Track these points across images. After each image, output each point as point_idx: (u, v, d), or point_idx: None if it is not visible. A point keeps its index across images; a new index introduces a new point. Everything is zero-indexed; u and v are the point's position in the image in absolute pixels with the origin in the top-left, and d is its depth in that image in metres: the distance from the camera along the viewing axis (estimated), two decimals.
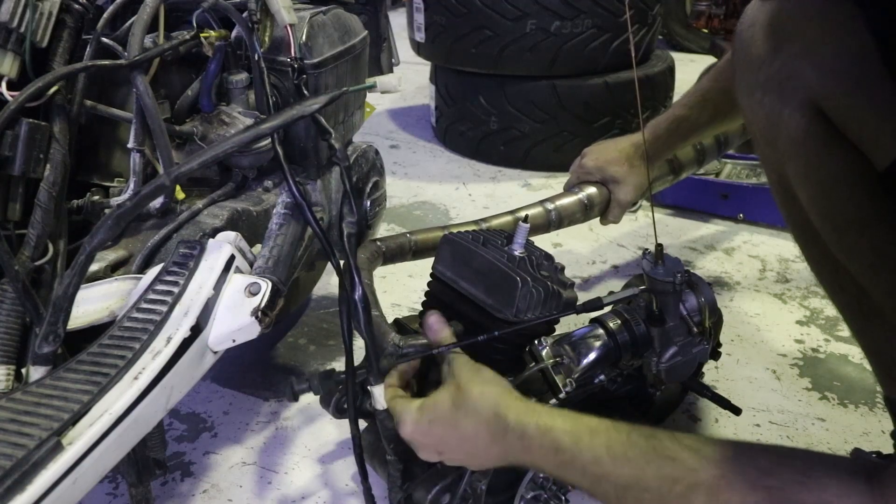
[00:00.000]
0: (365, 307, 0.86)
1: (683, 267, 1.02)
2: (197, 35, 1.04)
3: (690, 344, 1.04)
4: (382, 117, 2.87)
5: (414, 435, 0.80)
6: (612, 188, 1.30)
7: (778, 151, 0.89)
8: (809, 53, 0.82)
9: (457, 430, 0.77)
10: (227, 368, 1.39)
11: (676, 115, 1.27)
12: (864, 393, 1.30)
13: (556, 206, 1.26)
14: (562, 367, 0.96)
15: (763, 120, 0.89)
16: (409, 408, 0.81)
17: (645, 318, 1.03)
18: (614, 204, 1.32)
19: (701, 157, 1.47)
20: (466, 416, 0.76)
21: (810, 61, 0.81)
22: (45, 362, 0.77)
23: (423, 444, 0.81)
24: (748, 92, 0.91)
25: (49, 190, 0.91)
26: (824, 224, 0.87)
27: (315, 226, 0.89)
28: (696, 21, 3.75)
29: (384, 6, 1.47)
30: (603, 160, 1.30)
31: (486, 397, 0.75)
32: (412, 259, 1.12)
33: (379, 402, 0.85)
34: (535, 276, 0.86)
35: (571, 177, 1.35)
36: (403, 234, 1.11)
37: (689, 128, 1.27)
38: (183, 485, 1.14)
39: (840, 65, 0.79)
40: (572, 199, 1.28)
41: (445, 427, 0.78)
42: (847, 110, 0.80)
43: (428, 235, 1.13)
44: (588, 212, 1.29)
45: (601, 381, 1.01)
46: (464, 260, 0.92)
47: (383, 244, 1.09)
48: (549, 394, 0.94)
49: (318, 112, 0.92)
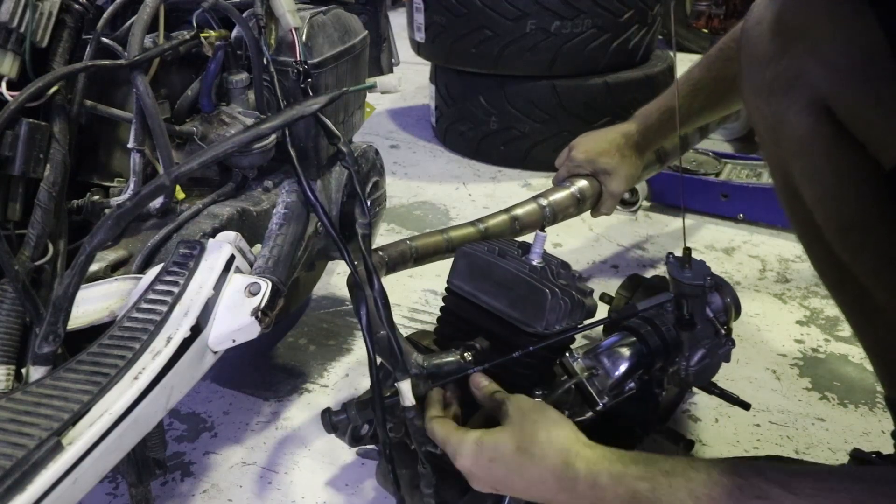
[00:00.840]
0: (385, 303, 0.83)
1: (710, 269, 1.01)
2: (197, 35, 1.04)
3: (717, 345, 1.03)
4: (382, 117, 2.87)
5: (472, 469, 0.76)
6: (604, 180, 1.30)
7: (783, 150, 0.88)
8: (817, 52, 0.80)
9: (522, 476, 0.73)
10: (227, 368, 1.39)
11: (668, 106, 1.26)
12: (864, 393, 1.30)
13: (550, 201, 1.25)
14: (596, 378, 0.93)
15: (769, 119, 0.88)
16: (465, 440, 0.77)
17: (674, 323, 1.01)
18: (606, 195, 1.31)
19: (684, 145, 1.49)
20: (532, 462, 0.72)
21: (818, 60, 0.80)
22: (45, 362, 0.77)
23: (480, 479, 0.77)
24: (754, 90, 0.90)
25: (49, 190, 0.90)
26: (828, 224, 0.86)
27: (329, 227, 0.88)
28: (696, 21, 3.75)
29: (384, 6, 1.47)
30: (593, 152, 1.29)
31: (554, 444, 0.72)
32: (413, 266, 1.11)
33: (407, 399, 0.82)
34: (560, 286, 0.85)
35: (561, 170, 1.34)
36: (403, 241, 1.10)
37: (680, 118, 1.27)
38: (183, 485, 1.14)
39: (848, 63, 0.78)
40: (565, 193, 1.27)
41: (509, 470, 0.74)
42: (854, 109, 0.79)
43: (428, 241, 1.12)
44: (581, 205, 1.29)
45: (631, 390, 0.99)
46: (483, 273, 0.90)
47: (385, 253, 1.07)
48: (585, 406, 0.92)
49: (320, 112, 0.91)
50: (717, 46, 1.19)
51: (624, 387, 0.97)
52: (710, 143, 2.41)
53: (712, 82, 1.18)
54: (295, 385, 1.36)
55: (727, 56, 1.16)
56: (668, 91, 1.29)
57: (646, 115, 1.30)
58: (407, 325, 1.52)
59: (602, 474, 0.69)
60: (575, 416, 0.91)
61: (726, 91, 1.18)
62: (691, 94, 1.22)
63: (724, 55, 1.16)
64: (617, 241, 1.88)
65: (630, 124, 1.32)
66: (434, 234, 1.13)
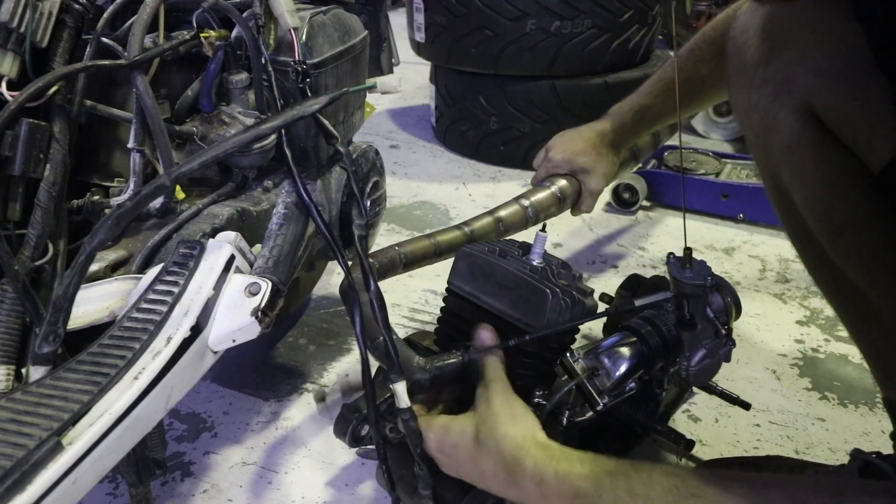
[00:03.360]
0: (381, 305, 0.83)
1: (710, 269, 1.01)
2: (197, 35, 1.04)
3: (718, 346, 1.04)
4: (382, 117, 2.87)
5: (437, 454, 0.81)
6: (582, 178, 1.32)
7: (773, 155, 0.89)
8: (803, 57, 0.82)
9: (476, 465, 0.77)
10: (227, 368, 1.39)
11: (641, 104, 1.29)
12: (864, 393, 1.30)
13: (532, 201, 1.27)
14: (596, 378, 0.93)
15: (758, 124, 0.89)
16: (432, 425, 0.81)
17: (675, 323, 1.01)
18: (586, 193, 1.33)
19: (656, 141, 1.53)
20: (487, 454, 0.75)
21: (804, 65, 0.82)
22: (45, 362, 0.77)
23: (444, 463, 0.81)
24: (742, 96, 0.91)
25: (49, 190, 0.90)
26: (820, 227, 0.87)
27: (324, 228, 0.88)
28: (697, 21, 3.75)
29: (384, 6, 1.47)
30: (570, 151, 1.31)
31: (508, 440, 0.75)
32: (403, 271, 1.11)
33: (402, 401, 0.82)
34: (560, 286, 0.85)
35: (539, 170, 1.36)
36: (392, 248, 1.09)
37: (653, 117, 1.29)
38: (183, 485, 1.14)
39: (834, 68, 0.80)
40: (546, 193, 1.29)
41: (466, 458, 0.78)
42: (841, 113, 0.80)
43: (416, 246, 1.12)
44: (561, 204, 1.31)
45: (632, 390, 0.99)
46: (484, 273, 0.90)
47: (376, 260, 1.06)
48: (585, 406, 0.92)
49: (320, 112, 0.91)
50: (687, 47, 1.20)
51: (624, 387, 0.97)
52: (710, 143, 2.42)
53: (684, 83, 1.19)
54: (295, 385, 1.36)
55: (698, 57, 1.17)
56: (641, 89, 1.31)
57: (620, 112, 1.33)
58: (407, 325, 1.52)
59: (548, 473, 0.71)
60: (575, 417, 0.91)
61: (696, 91, 1.21)
62: (664, 94, 1.25)
63: (694, 56, 1.18)
64: (617, 241, 1.88)
65: (604, 122, 1.34)
66: (422, 239, 1.13)
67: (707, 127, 2.50)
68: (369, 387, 0.83)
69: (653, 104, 1.27)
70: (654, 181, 1.99)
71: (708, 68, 1.16)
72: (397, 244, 1.11)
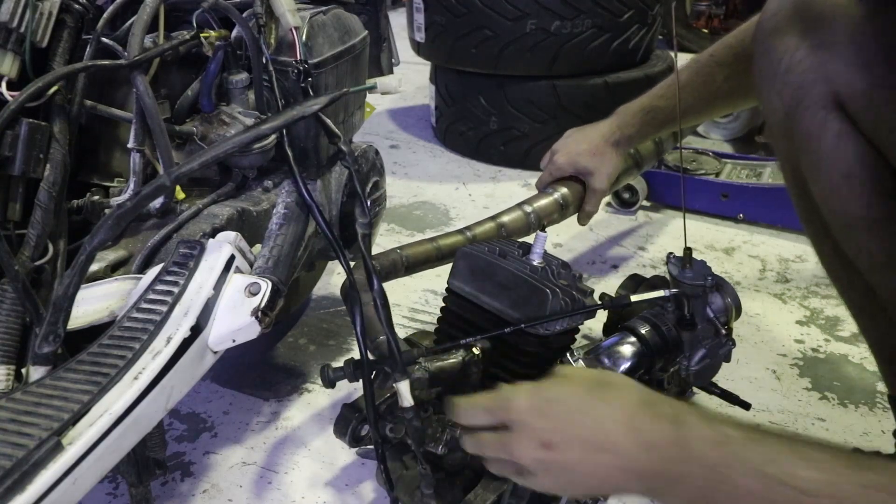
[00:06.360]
0: (384, 303, 0.83)
1: (710, 269, 1.01)
2: (197, 35, 1.04)
3: (718, 345, 1.04)
4: (382, 117, 2.87)
5: (525, 415, 0.67)
6: (587, 179, 1.33)
7: (793, 144, 0.87)
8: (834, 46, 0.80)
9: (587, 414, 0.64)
10: (227, 368, 1.39)
11: (651, 106, 1.29)
12: (864, 393, 1.30)
13: (535, 208, 1.28)
14: None
15: (780, 111, 0.88)
16: (521, 387, 0.70)
17: (675, 323, 1.01)
18: (590, 193, 1.34)
19: (659, 150, 1.52)
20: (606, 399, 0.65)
21: (834, 54, 0.80)
22: (45, 362, 0.77)
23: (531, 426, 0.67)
24: (767, 82, 0.90)
25: (49, 190, 0.90)
26: (835, 220, 0.86)
27: (325, 229, 0.88)
28: (697, 21, 3.75)
29: (384, 6, 1.47)
30: (574, 153, 1.33)
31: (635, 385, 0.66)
32: (405, 274, 1.11)
33: (406, 400, 0.81)
34: (560, 286, 0.85)
35: (544, 174, 1.38)
36: (394, 251, 1.10)
37: (662, 119, 1.29)
38: (183, 485, 1.14)
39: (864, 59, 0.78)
40: (549, 199, 1.31)
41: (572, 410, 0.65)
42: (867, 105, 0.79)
43: (418, 249, 1.12)
44: (564, 211, 1.32)
45: None
46: (484, 273, 0.90)
47: (378, 262, 1.07)
48: None
49: (320, 112, 0.92)
50: (706, 52, 1.20)
51: None
52: (710, 143, 2.42)
53: (700, 86, 1.19)
54: (295, 385, 1.36)
55: (717, 62, 1.17)
56: (652, 91, 1.31)
57: (626, 112, 1.33)
58: (407, 325, 1.52)
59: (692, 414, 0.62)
60: None
61: (710, 96, 1.21)
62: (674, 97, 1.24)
63: (713, 60, 1.18)
64: (617, 241, 1.88)
65: (610, 122, 1.35)
66: (424, 243, 1.14)
67: (707, 127, 2.49)
68: (368, 387, 0.83)
69: (663, 106, 1.27)
70: (655, 181, 1.99)
71: (724, 74, 1.16)
72: (399, 247, 1.11)
